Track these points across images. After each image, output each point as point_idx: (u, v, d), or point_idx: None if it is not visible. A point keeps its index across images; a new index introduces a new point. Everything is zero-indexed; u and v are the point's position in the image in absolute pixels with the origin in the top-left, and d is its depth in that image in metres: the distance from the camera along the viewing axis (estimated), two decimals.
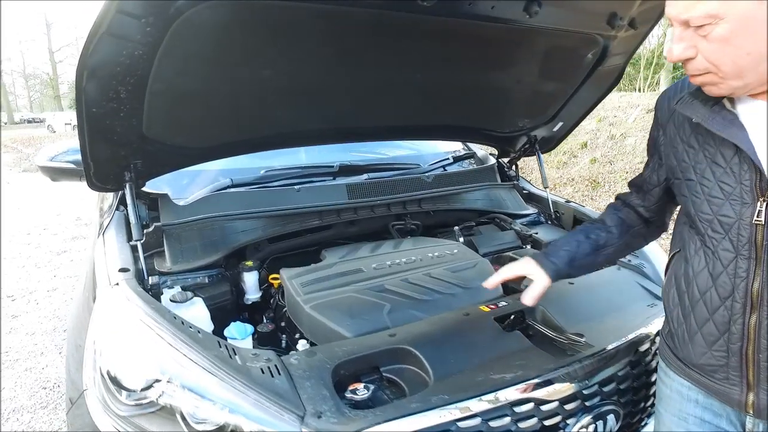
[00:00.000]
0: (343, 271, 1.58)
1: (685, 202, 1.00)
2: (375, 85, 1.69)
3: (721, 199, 0.90)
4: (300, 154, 2.30)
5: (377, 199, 1.95)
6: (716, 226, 0.92)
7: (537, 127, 2.29)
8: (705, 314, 0.97)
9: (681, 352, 1.05)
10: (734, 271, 0.91)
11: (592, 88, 2.07)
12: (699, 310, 0.98)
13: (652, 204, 1.18)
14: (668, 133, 1.05)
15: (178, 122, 1.47)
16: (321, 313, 1.36)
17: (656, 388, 1.16)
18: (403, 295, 1.48)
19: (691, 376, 1.04)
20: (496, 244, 2.02)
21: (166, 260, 1.60)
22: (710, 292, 0.95)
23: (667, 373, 1.11)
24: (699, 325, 0.99)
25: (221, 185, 1.90)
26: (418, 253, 1.75)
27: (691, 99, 0.93)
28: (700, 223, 0.96)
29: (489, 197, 2.29)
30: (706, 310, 0.97)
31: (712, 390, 1.00)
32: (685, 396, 1.06)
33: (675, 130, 1.02)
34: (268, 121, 1.66)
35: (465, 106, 1.97)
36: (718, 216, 0.91)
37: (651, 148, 1.15)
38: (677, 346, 1.06)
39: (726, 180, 0.89)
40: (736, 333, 0.92)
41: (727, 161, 0.89)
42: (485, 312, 1.39)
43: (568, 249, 1.20)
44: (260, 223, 1.79)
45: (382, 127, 1.95)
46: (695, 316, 0.99)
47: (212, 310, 1.55)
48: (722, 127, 0.87)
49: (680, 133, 1.00)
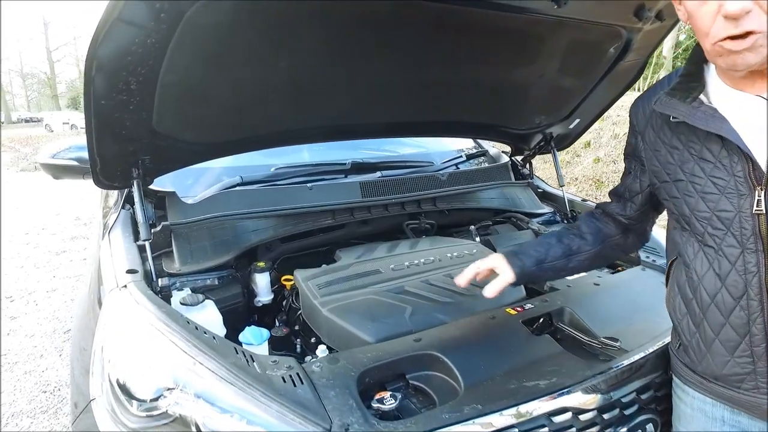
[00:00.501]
0: (360, 272, 1.52)
1: (678, 204, 0.95)
2: (389, 80, 1.63)
3: (716, 194, 0.87)
4: (310, 151, 2.24)
5: (392, 197, 1.89)
6: (716, 223, 0.88)
7: (553, 124, 2.23)
8: (719, 319, 0.91)
9: (699, 366, 0.98)
10: (743, 267, 0.85)
11: (611, 84, 2.02)
12: (712, 315, 0.92)
13: (634, 212, 1.15)
14: (647, 138, 1.01)
15: (188, 117, 1.41)
16: (340, 317, 1.30)
17: (673, 407, 1.10)
18: (424, 297, 1.41)
19: (713, 391, 0.96)
20: (514, 244, 1.95)
21: (175, 261, 1.53)
22: (721, 294, 0.90)
23: (684, 390, 1.04)
24: (715, 332, 0.92)
25: (230, 183, 1.83)
26: (436, 253, 1.69)
27: (668, 98, 0.92)
28: (698, 222, 0.91)
29: (504, 196, 2.23)
30: (719, 313, 0.90)
31: (740, 403, 0.93)
32: (709, 414, 0.98)
33: (655, 134, 1.00)
34: (278, 117, 1.59)
35: (482, 103, 1.91)
36: (717, 212, 0.88)
37: (630, 156, 1.12)
38: (693, 360, 0.99)
39: (718, 174, 0.87)
40: (758, 334, 0.86)
41: (716, 155, 0.87)
42: (512, 315, 1.33)
43: (539, 251, 1.19)
44: (272, 222, 1.73)
45: (396, 123, 1.88)
46: (709, 323, 0.93)
47: (223, 313, 1.49)
48: (705, 121, 0.86)
49: (661, 136, 0.98)
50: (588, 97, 2.07)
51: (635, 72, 2.02)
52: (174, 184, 1.85)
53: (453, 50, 1.55)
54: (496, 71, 1.75)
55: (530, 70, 1.79)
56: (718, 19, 0.76)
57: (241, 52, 1.28)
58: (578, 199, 2.31)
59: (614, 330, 1.29)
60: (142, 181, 1.50)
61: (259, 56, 1.32)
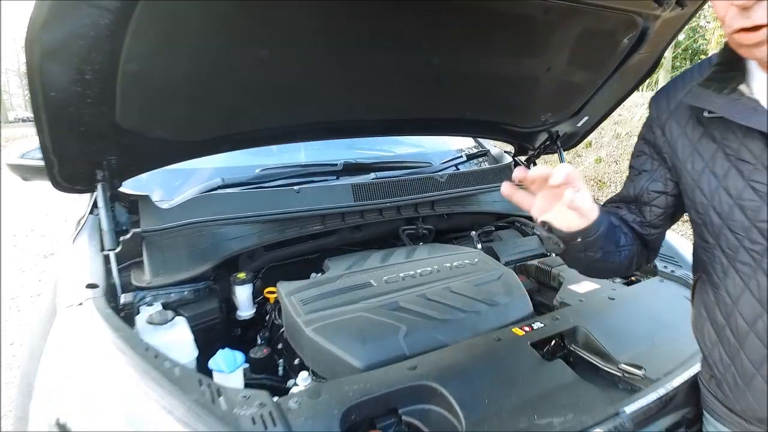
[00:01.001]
0: (349, 286, 1.37)
1: (704, 211, 0.82)
2: (384, 73, 1.48)
3: (756, 201, 0.74)
4: (299, 151, 2.09)
5: (386, 201, 1.74)
6: (755, 235, 0.75)
7: (560, 122, 2.08)
8: (761, 350, 0.77)
9: (737, 404, 0.84)
10: None
11: (622, 80, 1.87)
12: (751, 346, 0.79)
13: (655, 217, 0.93)
14: (670, 132, 0.87)
15: (158, 112, 1.26)
16: (325, 338, 1.15)
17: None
18: (421, 315, 1.27)
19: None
20: (519, 252, 1.81)
21: (146, 272, 1.38)
22: (762, 321, 0.76)
23: (719, 430, 0.90)
24: (756, 366, 0.79)
25: (211, 186, 1.69)
26: (434, 262, 1.54)
27: (702, 90, 0.80)
28: (732, 235, 0.78)
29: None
30: (761, 344, 0.77)
31: None
32: None
33: (680, 128, 0.86)
34: (261, 113, 1.44)
35: (485, 98, 1.76)
36: (757, 222, 0.74)
37: (644, 155, 0.94)
38: (729, 396, 0.86)
39: (758, 178, 0.74)
40: None
41: (756, 156, 0.74)
42: (519, 336, 1.18)
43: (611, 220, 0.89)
44: (255, 228, 1.58)
45: (392, 120, 1.73)
46: (747, 355, 0.80)
47: (198, 331, 1.34)
48: (745, 116, 0.73)
49: (687, 132, 0.84)
50: (597, 93, 1.92)
51: (649, 66, 1.87)
52: (148, 186, 1.70)
53: (454, 39, 1.41)
54: (501, 63, 1.60)
55: (537, 62, 1.64)
56: (731, 8, 0.68)
57: (215, 39, 1.14)
58: None
59: (634, 352, 1.14)
60: (108, 184, 1.35)
61: (237, 44, 1.17)
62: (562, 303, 1.41)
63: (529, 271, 1.72)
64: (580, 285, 1.50)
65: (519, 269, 1.75)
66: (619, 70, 1.80)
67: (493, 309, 1.33)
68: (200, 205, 1.57)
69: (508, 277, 1.49)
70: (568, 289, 1.47)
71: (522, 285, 1.47)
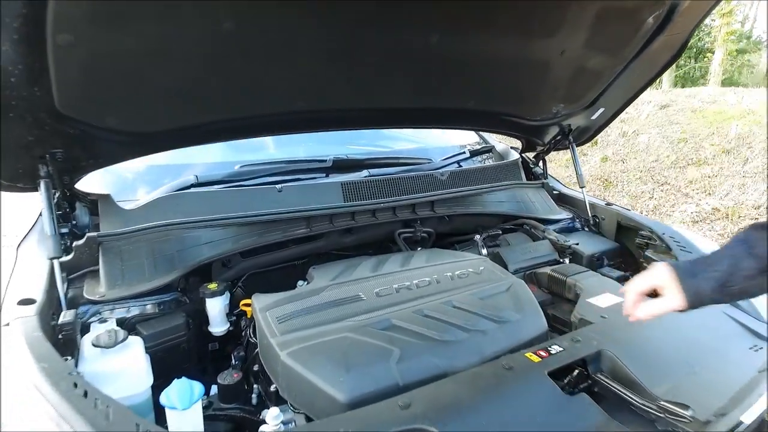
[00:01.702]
0: (334, 300, 1.18)
1: None
2: (375, 53, 1.28)
3: None
4: (285, 147, 1.90)
5: (380, 201, 1.55)
6: None
7: (573, 114, 1.89)
8: None
9: None
10: None
11: (644, 64, 1.68)
12: None
13: None
14: None
15: (105, 96, 1.07)
16: (303, 364, 0.97)
17: None
18: (417, 335, 1.08)
19: None
20: (529, 258, 1.62)
21: (101, 283, 1.20)
22: None
23: None
24: None
25: (182, 184, 1.50)
26: (434, 271, 1.35)
27: None
28: None
29: (515, 199, 1.90)
30: None
31: None
32: None
33: None
34: (231, 100, 1.25)
35: (492, 86, 1.57)
36: None
37: None
38: None
39: None
40: None
41: None
42: (534, 363, 0.99)
43: (722, 268, 0.84)
44: (230, 232, 1.39)
45: (386, 110, 1.54)
46: None
47: (160, 351, 1.16)
48: None
49: None
50: (615, 81, 1.73)
51: (673, 52, 1.68)
52: (113, 185, 1.52)
53: (456, 15, 1.21)
54: (510, 45, 1.40)
55: (550, 44, 1.45)
56: None
57: (169, 4, 0.94)
58: (601, 203, 1.97)
59: (673, 384, 0.95)
60: (56, 181, 1.17)
61: (196, 12, 0.98)
62: (581, 320, 1.22)
63: (541, 280, 1.53)
64: (600, 298, 1.31)
65: (529, 278, 1.56)
66: (641, 55, 1.61)
67: (501, 327, 1.14)
68: (169, 205, 1.38)
69: (518, 288, 1.30)
70: (588, 303, 1.28)
71: (534, 298, 1.28)
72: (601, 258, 1.71)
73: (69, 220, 1.36)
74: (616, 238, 1.86)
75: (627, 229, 1.82)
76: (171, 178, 1.54)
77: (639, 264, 1.73)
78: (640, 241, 1.72)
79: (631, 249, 1.82)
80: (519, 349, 1.11)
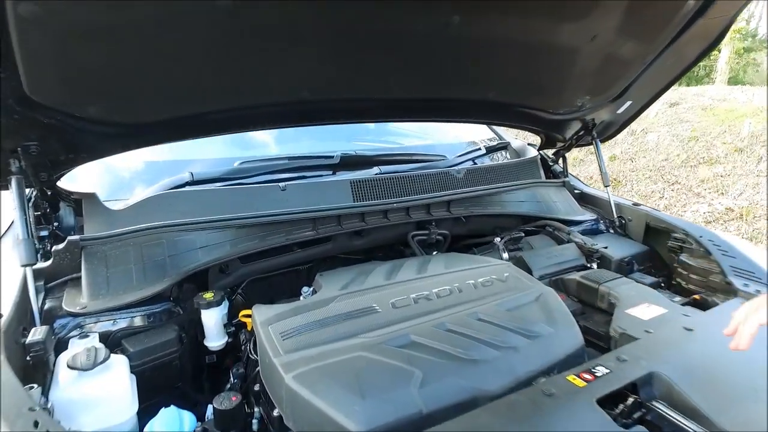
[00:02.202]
0: (346, 312, 1.05)
1: None
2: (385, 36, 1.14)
3: None
4: (289, 142, 1.77)
5: (393, 201, 1.42)
6: None
7: (598, 108, 1.75)
8: None
9: None
10: None
11: (677, 54, 1.54)
12: None
13: None
14: None
15: (88, 80, 0.93)
16: (311, 389, 0.83)
17: None
18: (441, 353, 0.94)
19: None
20: (555, 263, 1.48)
21: (83, 293, 1.07)
22: None
23: None
24: None
25: (176, 182, 1.37)
26: (454, 279, 1.22)
27: None
28: None
29: (536, 198, 1.76)
30: None
31: None
32: None
33: None
34: (235, 87, 1.11)
35: (515, 75, 1.43)
36: None
37: None
38: None
39: None
40: None
41: None
42: (579, 387, 0.86)
43: None
44: (228, 235, 1.26)
45: (395, 101, 1.40)
46: None
47: (148, 371, 1.03)
48: None
49: None
50: (646, 72, 1.59)
51: (708, 42, 1.55)
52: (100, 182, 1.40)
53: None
54: (538, 29, 1.27)
55: (581, 28, 1.31)
56: None
57: None
58: (627, 203, 1.83)
59: (739, 412, 0.82)
60: (32, 178, 1.04)
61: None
62: (623, 335, 1.08)
63: (569, 287, 1.40)
64: (640, 308, 1.18)
65: (555, 284, 1.43)
66: (677, 41, 1.48)
67: (533, 343, 1.01)
68: (161, 205, 1.25)
69: (548, 297, 1.17)
70: (627, 315, 1.15)
71: (566, 308, 1.15)
72: (631, 262, 1.58)
73: (51, 221, 1.23)
74: (644, 241, 1.72)
75: (657, 231, 1.69)
76: (164, 176, 1.42)
77: (671, 269, 1.60)
78: (673, 244, 1.58)
79: (661, 253, 1.69)
80: (554, 368, 0.98)
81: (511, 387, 0.91)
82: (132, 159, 1.49)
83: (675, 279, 1.56)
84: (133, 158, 1.49)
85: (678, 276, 1.54)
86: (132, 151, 1.19)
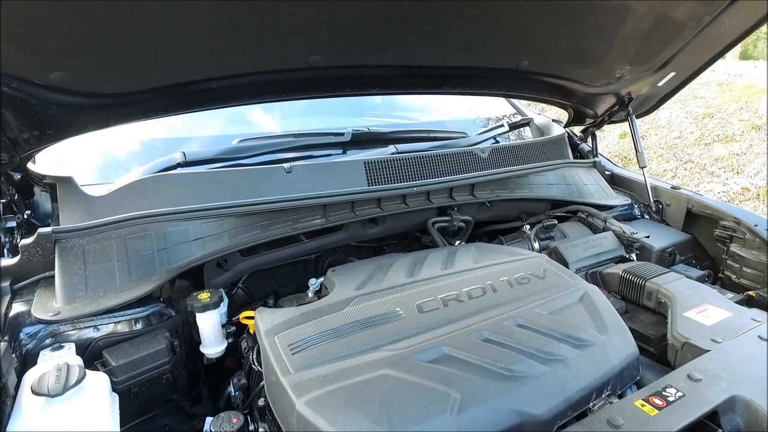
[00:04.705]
0: (365, 318, 0.89)
1: None
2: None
3: None
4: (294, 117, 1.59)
5: (412, 184, 1.26)
6: None
7: (638, 80, 1.57)
8: None
9: None
10: None
11: (735, 17, 1.35)
12: None
13: None
14: None
15: (53, 38, 0.75)
16: (330, 420, 0.69)
17: None
18: (479, 369, 0.80)
19: None
20: (592, 255, 1.33)
21: (56, 296, 0.91)
22: None
23: None
24: None
25: (167, 163, 1.20)
26: (486, 275, 1.06)
27: None
28: None
29: (565, 181, 1.60)
30: None
31: None
32: None
33: None
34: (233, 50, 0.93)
35: (552, 41, 1.25)
36: None
37: None
38: None
39: None
40: None
41: None
42: (650, 417, 0.71)
43: None
44: (226, 224, 1.10)
45: (423, 68, 1.21)
46: None
47: (135, 387, 0.88)
48: None
49: None
50: (696, 38, 1.40)
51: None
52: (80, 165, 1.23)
53: None
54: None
55: None
56: None
57: None
58: (666, 186, 1.67)
59: None
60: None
61: None
62: (686, 345, 0.93)
63: (609, 282, 1.25)
64: (698, 311, 1.03)
65: (593, 279, 1.28)
66: (732, 6, 1.29)
67: (584, 354, 0.86)
68: (148, 190, 1.08)
69: (593, 297, 1.02)
70: (688, 319, 1.00)
71: (615, 311, 1.00)
72: (674, 253, 1.43)
73: (21, 209, 1.07)
74: (684, 228, 1.57)
75: (699, 217, 1.53)
76: (152, 156, 1.25)
77: (719, 260, 1.44)
78: (721, 233, 1.43)
79: (702, 242, 1.53)
80: (607, 383, 0.84)
81: (562, 410, 0.77)
82: (115, 136, 1.32)
83: (723, 272, 1.41)
84: (117, 136, 1.31)
85: (727, 269, 1.39)
86: (111, 129, 1.01)
